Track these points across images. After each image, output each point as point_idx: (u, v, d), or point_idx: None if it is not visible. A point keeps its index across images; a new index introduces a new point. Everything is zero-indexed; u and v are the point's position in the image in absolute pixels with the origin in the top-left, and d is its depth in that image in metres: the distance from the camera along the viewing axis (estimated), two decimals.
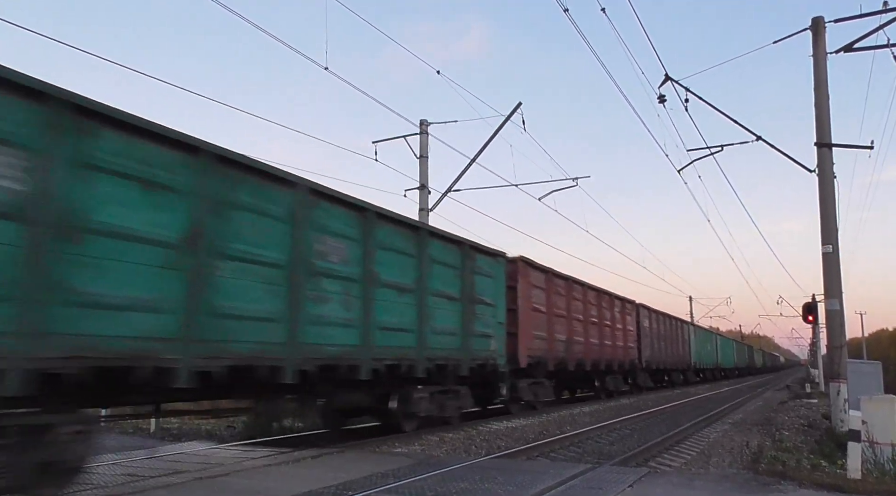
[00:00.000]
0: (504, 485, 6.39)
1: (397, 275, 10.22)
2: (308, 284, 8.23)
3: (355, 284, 9.20)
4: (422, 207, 18.36)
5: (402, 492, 6.07)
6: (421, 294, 10.82)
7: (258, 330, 7.39)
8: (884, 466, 8.22)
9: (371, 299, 9.47)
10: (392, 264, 10.09)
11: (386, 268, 9.90)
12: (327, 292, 8.64)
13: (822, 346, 35.83)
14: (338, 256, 8.88)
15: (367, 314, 9.36)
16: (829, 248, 12.60)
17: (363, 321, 9.30)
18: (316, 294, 8.39)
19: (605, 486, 6.45)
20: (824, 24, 13.07)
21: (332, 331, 8.71)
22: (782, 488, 6.62)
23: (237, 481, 6.55)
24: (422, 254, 10.89)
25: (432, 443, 10.45)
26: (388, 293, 9.97)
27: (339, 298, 8.87)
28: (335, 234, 8.87)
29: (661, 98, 14.20)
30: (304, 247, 8.21)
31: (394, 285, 10.08)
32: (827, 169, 12.83)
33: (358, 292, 9.23)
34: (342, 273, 8.93)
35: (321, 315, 8.46)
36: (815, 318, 18.46)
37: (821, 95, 12.97)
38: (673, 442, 11.92)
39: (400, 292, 10.28)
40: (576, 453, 10.44)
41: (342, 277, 8.93)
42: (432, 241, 11.42)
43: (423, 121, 18.88)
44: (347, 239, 9.11)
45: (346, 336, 9.00)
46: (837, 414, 11.80)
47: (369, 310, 9.41)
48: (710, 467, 9.08)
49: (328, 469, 7.37)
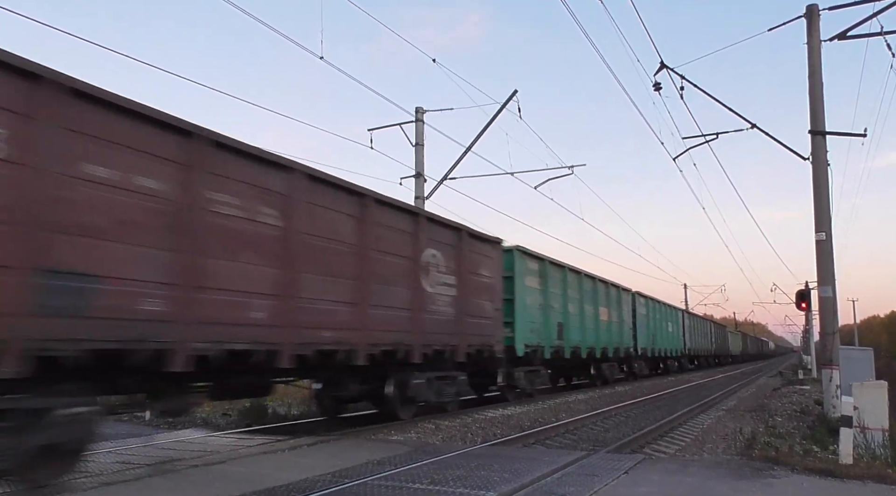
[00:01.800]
0: (500, 473, 6.43)
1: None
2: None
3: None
4: (417, 195, 18.31)
5: (399, 479, 6.10)
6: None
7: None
8: (875, 451, 8.29)
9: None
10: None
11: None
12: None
13: (815, 333, 36.14)
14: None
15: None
16: (822, 236, 12.65)
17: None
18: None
19: (600, 473, 6.49)
20: (818, 11, 13.04)
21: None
22: (775, 473, 6.68)
23: (233, 469, 6.57)
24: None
25: (428, 431, 10.49)
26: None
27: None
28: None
29: (657, 86, 14.17)
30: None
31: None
32: (821, 156, 12.86)
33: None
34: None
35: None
36: (808, 305, 18.52)
37: (815, 83, 12.98)
38: (668, 429, 12.01)
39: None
40: (571, 440, 10.50)
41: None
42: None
43: (419, 108, 18.79)
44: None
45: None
46: (829, 400, 11.89)
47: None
48: (704, 453, 9.16)
49: (325, 456, 7.40)
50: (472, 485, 5.84)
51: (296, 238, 8.09)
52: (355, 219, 9.40)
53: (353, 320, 9.13)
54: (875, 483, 6.30)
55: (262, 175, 7.68)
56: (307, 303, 8.24)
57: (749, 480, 6.30)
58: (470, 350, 12.34)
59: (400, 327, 10.30)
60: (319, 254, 8.54)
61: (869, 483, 6.32)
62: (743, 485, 6.05)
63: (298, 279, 8.06)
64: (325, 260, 8.68)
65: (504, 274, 14.47)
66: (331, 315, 8.73)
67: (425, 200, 18.38)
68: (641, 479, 6.26)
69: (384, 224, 10.05)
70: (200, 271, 6.66)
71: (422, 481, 6.02)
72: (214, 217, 6.91)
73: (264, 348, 7.48)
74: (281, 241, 7.86)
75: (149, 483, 5.88)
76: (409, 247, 10.69)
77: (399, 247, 10.49)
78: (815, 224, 12.79)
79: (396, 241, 10.41)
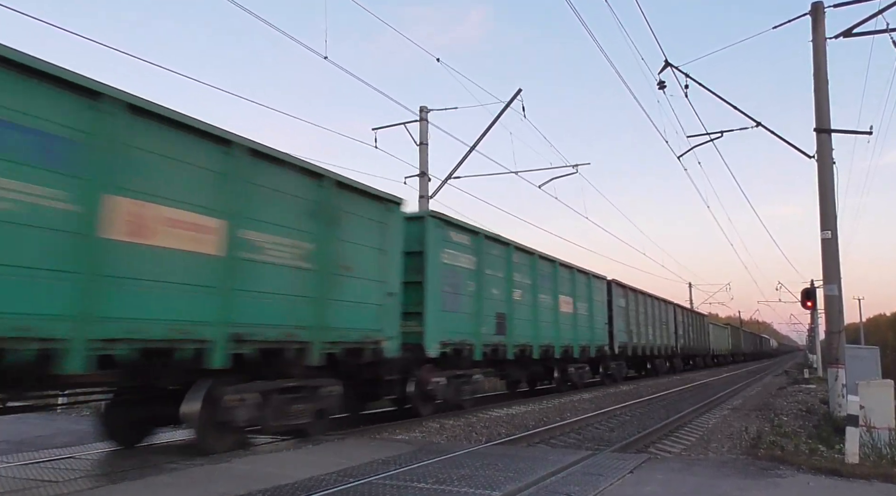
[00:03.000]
0: (504, 472, 6.43)
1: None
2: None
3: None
4: (422, 195, 18.33)
5: (404, 478, 6.11)
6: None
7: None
8: (881, 450, 8.26)
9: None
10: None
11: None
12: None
13: (821, 332, 35.97)
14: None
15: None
16: (827, 234, 12.61)
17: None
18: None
19: (605, 473, 6.48)
20: (823, 8, 13.01)
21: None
22: (781, 473, 6.66)
23: (239, 466, 6.58)
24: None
25: (433, 430, 10.50)
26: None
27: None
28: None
29: (661, 84, 14.16)
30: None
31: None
32: (826, 154, 12.81)
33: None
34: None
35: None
36: (814, 304, 18.47)
37: (820, 81, 12.93)
38: (672, 428, 11.99)
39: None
40: (576, 440, 10.50)
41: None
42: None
43: (423, 108, 18.82)
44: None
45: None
46: (835, 399, 11.85)
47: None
48: (709, 453, 9.15)
49: (329, 455, 7.41)
50: (478, 485, 5.84)
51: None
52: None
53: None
54: (881, 482, 6.28)
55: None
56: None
57: (755, 479, 6.29)
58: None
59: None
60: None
61: (875, 482, 6.29)
62: (748, 485, 6.04)
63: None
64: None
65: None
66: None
67: (429, 199, 18.39)
68: (647, 479, 6.25)
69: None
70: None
71: (427, 480, 6.02)
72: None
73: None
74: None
75: (153, 481, 5.88)
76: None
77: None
78: (820, 222, 12.75)
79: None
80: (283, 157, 8.32)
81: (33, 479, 6.22)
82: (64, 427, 10.35)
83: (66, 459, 7.45)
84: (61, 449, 8.30)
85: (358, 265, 9.56)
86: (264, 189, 7.99)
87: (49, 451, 8.05)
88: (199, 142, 7.15)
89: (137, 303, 6.40)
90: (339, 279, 9.15)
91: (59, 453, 7.91)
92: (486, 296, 13.74)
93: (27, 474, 6.50)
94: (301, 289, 8.43)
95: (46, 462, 7.24)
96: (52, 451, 8.05)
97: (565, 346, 18.16)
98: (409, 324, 10.92)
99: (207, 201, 7.18)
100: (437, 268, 12.07)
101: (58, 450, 8.21)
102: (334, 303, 9.03)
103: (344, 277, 9.24)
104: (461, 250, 13.02)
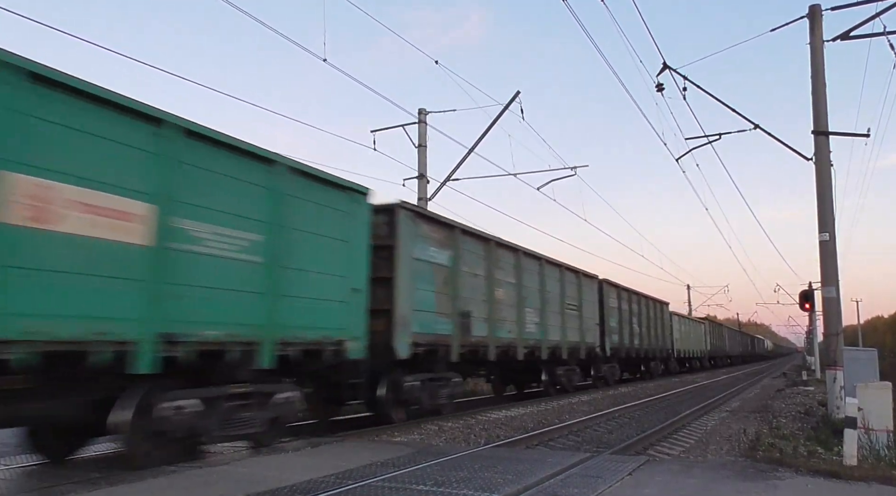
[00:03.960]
0: (504, 474, 6.42)
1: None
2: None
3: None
4: (420, 197, 18.34)
5: (403, 480, 6.10)
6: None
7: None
8: (879, 452, 8.27)
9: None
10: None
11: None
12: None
13: (819, 334, 35.98)
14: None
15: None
16: (825, 236, 12.63)
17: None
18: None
19: (604, 475, 6.48)
20: (821, 11, 13.04)
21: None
22: (779, 475, 6.66)
23: (236, 470, 6.56)
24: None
25: (431, 433, 10.50)
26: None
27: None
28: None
29: (660, 86, 14.17)
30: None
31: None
32: (824, 157, 12.83)
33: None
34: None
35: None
36: (812, 306, 18.49)
37: (818, 83, 12.95)
38: (671, 430, 11.99)
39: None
40: (575, 442, 10.50)
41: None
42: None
43: (422, 110, 18.83)
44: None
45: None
46: (834, 401, 11.86)
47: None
48: (708, 455, 9.16)
49: (328, 458, 7.40)
50: (476, 487, 5.83)
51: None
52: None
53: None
54: (879, 484, 6.28)
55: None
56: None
57: (753, 482, 6.29)
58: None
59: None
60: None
61: (873, 484, 6.29)
62: (747, 487, 6.04)
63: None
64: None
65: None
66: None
67: (428, 201, 18.40)
68: (645, 481, 6.25)
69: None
70: None
71: (426, 483, 6.01)
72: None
73: None
74: None
75: (152, 484, 5.87)
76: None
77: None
78: (818, 224, 12.77)
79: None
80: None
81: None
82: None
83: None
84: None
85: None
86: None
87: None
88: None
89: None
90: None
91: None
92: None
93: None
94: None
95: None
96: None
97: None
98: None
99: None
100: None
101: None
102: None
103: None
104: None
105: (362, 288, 9.67)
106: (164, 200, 6.66)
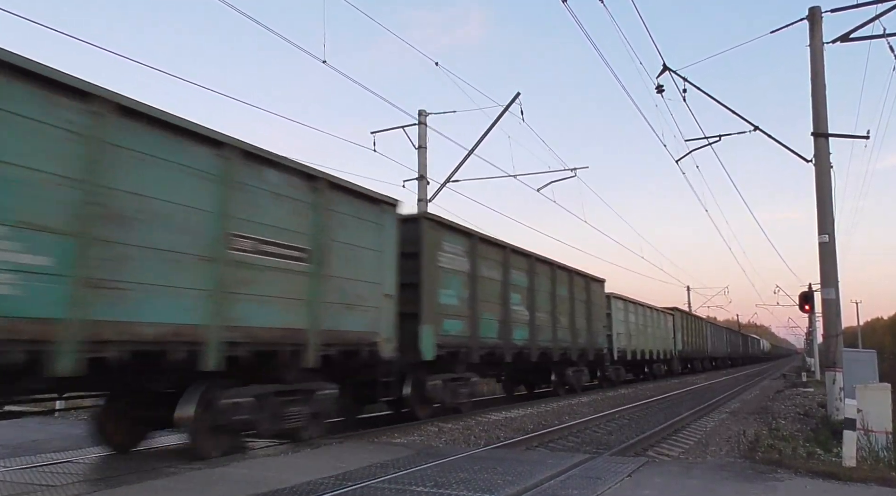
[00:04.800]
0: (503, 475, 6.43)
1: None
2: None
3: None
4: (420, 198, 18.35)
5: (403, 482, 6.11)
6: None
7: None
8: (878, 454, 8.28)
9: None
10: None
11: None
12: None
13: (819, 335, 35.95)
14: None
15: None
16: (825, 238, 12.65)
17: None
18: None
19: (604, 476, 6.49)
20: (821, 13, 13.06)
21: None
22: (778, 476, 6.67)
23: (235, 471, 6.57)
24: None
25: (431, 434, 10.50)
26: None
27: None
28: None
29: (660, 88, 14.18)
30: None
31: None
32: (823, 159, 12.86)
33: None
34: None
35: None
36: (812, 307, 18.52)
37: (817, 85, 12.98)
38: (671, 431, 12.00)
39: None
40: (575, 443, 10.50)
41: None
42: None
43: (422, 111, 18.85)
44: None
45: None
46: (833, 402, 11.88)
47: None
48: (707, 456, 9.16)
49: (328, 459, 7.41)
50: (476, 488, 5.84)
51: None
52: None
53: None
54: (878, 486, 6.29)
55: None
56: None
57: (752, 483, 6.29)
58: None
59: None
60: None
61: (873, 486, 6.30)
62: (746, 488, 6.05)
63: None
64: None
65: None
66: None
67: (428, 203, 18.42)
68: (645, 482, 6.26)
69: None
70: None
71: (425, 484, 6.02)
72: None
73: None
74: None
75: (151, 485, 5.88)
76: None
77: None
78: (818, 226, 12.79)
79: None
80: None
81: (32, 484, 6.20)
82: (61, 431, 10.32)
83: (63, 464, 7.41)
84: (58, 453, 8.25)
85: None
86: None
87: (46, 456, 8.04)
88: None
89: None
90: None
91: (56, 457, 7.88)
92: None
93: (25, 478, 6.48)
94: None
95: (44, 466, 7.22)
96: (49, 456, 8.03)
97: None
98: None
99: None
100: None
101: (55, 454, 8.17)
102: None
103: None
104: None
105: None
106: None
